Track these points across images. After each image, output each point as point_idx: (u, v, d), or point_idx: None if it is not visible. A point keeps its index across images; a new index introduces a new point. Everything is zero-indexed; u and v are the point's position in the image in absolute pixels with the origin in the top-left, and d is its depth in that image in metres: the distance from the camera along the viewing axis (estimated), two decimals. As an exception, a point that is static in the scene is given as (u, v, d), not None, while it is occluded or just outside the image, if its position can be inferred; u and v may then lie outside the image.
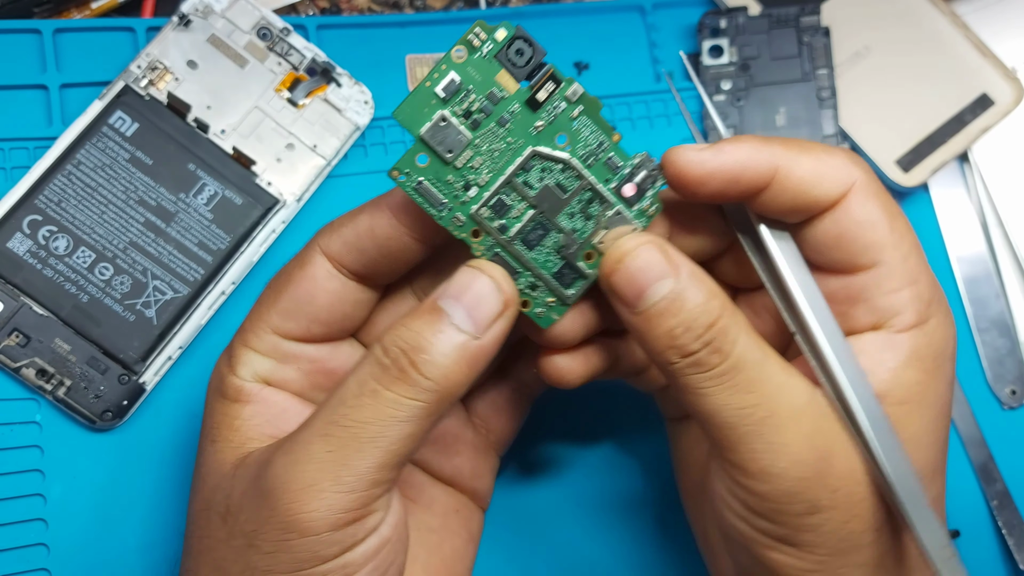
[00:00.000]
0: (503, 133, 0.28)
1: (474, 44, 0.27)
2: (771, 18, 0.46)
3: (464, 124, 0.27)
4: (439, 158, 0.28)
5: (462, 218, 0.28)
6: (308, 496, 0.25)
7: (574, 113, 0.28)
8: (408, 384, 0.26)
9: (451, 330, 0.27)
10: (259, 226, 0.40)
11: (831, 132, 0.45)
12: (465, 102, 0.27)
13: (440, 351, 0.26)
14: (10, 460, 0.37)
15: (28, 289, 0.37)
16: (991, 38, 0.46)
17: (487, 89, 0.27)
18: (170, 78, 0.40)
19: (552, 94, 0.28)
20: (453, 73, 0.27)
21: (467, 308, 0.27)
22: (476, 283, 0.27)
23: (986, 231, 0.46)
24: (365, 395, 0.26)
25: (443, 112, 0.27)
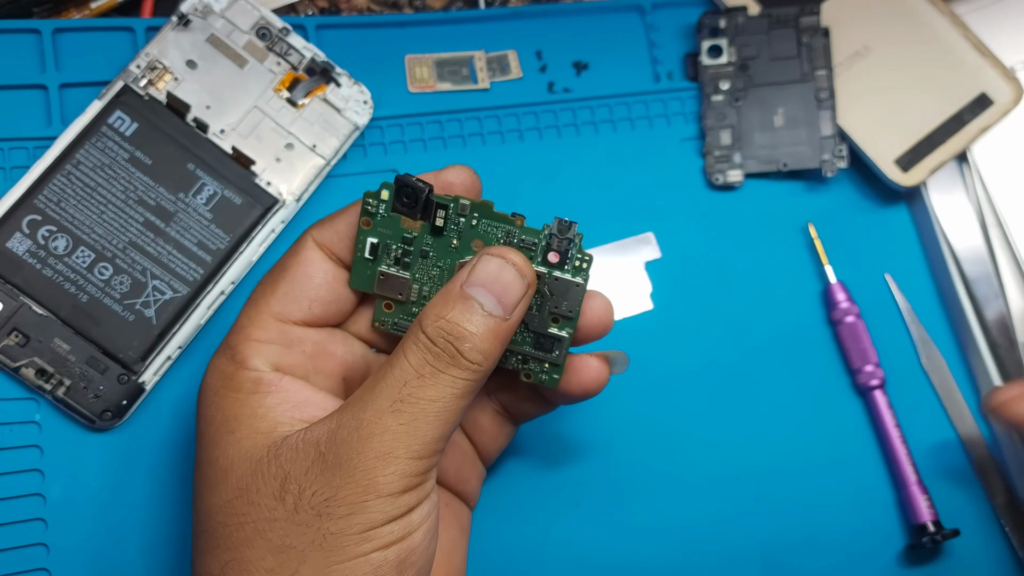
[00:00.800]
0: (431, 262, 0.32)
1: (371, 211, 0.32)
2: (770, 18, 0.46)
3: (399, 270, 0.32)
4: (397, 301, 0.33)
5: None
6: (385, 462, 0.28)
7: (473, 222, 0.32)
8: (459, 367, 0.29)
9: (484, 316, 0.30)
10: (258, 226, 0.40)
11: (829, 133, 0.45)
12: (391, 254, 0.32)
13: (480, 336, 0.29)
14: (9, 460, 0.37)
15: (27, 289, 0.37)
16: (990, 38, 0.46)
17: (399, 236, 0.32)
18: (169, 78, 0.40)
19: (446, 217, 0.32)
20: (370, 239, 0.32)
21: (497, 296, 0.30)
22: (504, 273, 0.30)
23: (985, 231, 0.46)
24: (426, 376, 0.29)
25: (379, 269, 0.32)
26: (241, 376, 0.31)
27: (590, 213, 0.44)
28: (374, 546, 0.28)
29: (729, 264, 0.45)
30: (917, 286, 0.47)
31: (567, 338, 0.32)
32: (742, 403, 0.44)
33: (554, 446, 0.42)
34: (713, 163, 0.45)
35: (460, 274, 0.30)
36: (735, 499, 0.42)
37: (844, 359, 0.45)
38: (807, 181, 0.47)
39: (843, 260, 0.45)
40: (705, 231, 0.45)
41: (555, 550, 0.40)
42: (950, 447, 0.45)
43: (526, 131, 0.45)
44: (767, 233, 0.46)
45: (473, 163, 0.44)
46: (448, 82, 0.44)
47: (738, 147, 0.46)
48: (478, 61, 0.45)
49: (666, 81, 0.47)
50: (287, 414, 0.30)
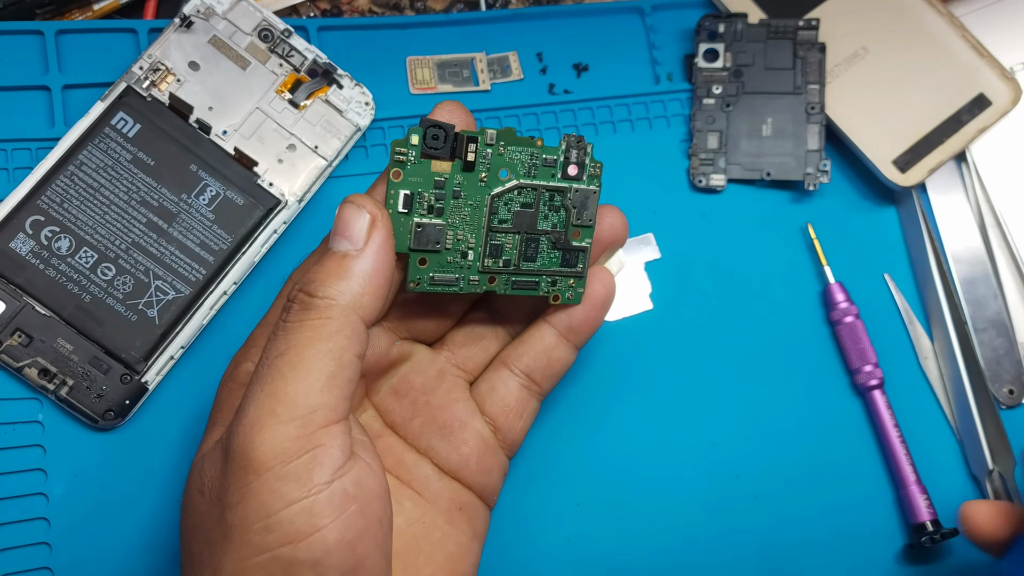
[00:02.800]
0: (463, 202, 0.32)
1: (402, 159, 0.31)
2: (769, 28, 0.46)
3: (433, 217, 0.31)
4: (433, 252, 0.32)
5: (475, 278, 0.33)
6: (253, 432, 0.26)
7: (500, 150, 0.32)
8: (311, 309, 0.28)
9: (331, 255, 0.29)
10: (261, 226, 0.40)
11: (815, 147, 0.45)
12: (424, 202, 0.31)
13: (327, 272, 0.29)
14: (12, 459, 0.37)
15: (31, 289, 0.37)
16: (988, 39, 0.46)
17: (431, 181, 0.31)
18: (172, 79, 0.40)
19: (476, 150, 0.31)
20: (403, 191, 0.31)
21: (339, 233, 0.29)
22: (342, 212, 0.30)
23: (983, 231, 0.46)
24: (278, 332, 0.28)
25: (414, 220, 0.31)
26: (243, 369, 0.32)
27: (590, 214, 0.44)
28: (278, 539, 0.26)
29: (728, 264, 0.45)
30: (916, 286, 0.47)
31: (588, 247, 0.34)
32: (741, 402, 0.44)
33: (554, 446, 0.42)
34: (698, 165, 0.46)
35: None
36: (733, 498, 0.43)
37: (843, 359, 0.45)
38: (806, 182, 0.47)
39: (842, 260, 0.46)
40: (704, 232, 0.46)
41: (554, 549, 0.41)
42: (949, 447, 0.45)
43: (527, 132, 0.45)
44: (766, 234, 0.46)
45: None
46: (449, 83, 0.45)
47: (724, 152, 0.46)
48: (479, 63, 0.45)
49: (666, 83, 0.47)
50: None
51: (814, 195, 0.47)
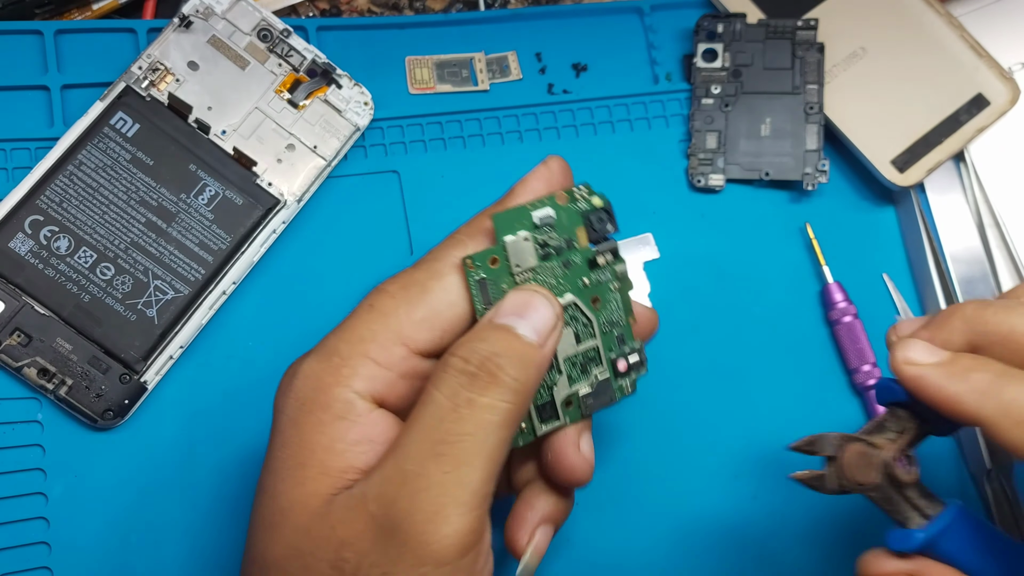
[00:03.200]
0: (559, 273, 0.31)
1: (576, 197, 0.32)
2: (768, 28, 0.46)
3: (538, 251, 0.31)
4: (507, 266, 0.30)
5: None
6: (437, 523, 0.25)
7: (614, 287, 0.32)
8: (498, 386, 0.27)
9: (520, 339, 0.28)
10: (260, 226, 0.40)
11: (813, 147, 0.45)
12: (546, 236, 0.31)
13: (517, 355, 0.28)
14: (11, 459, 0.37)
15: (30, 289, 0.37)
16: (987, 39, 0.46)
17: (566, 234, 0.31)
18: (171, 79, 0.40)
19: (607, 265, 0.32)
20: (550, 210, 0.31)
21: (530, 322, 0.29)
22: (534, 300, 0.29)
23: (982, 231, 0.46)
24: (462, 407, 0.27)
25: (528, 234, 0.30)
26: (336, 394, 0.28)
27: (589, 214, 0.44)
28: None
29: (727, 264, 0.45)
30: (914, 286, 0.47)
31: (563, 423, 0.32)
32: (740, 402, 0.44)
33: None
34: (696, 165, 0.46)
35: (488, 312, 0.29)
36: (732, 497, 0.43)
37: (841, 359, 0.45)
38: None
39: (840, 260, 0.46)
40: (703, 232, 0.46)
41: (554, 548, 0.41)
42: (947, 446, 0.45)
43: (526, 132, 0.45)
44: (765, 233, 0.46)
45: (473, 164, 0.44)
46: (448, 83, 0.45)
47: (722, 152, 0.46)
48: (478, 63, 0.45)
49: (665, 83, 0.47)
50: (362, 457, 0.28)
51: (813, 195, 0.47)
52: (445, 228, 0.43)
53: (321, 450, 0.27)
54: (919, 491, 0.29)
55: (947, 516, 0.29)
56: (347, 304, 0.41)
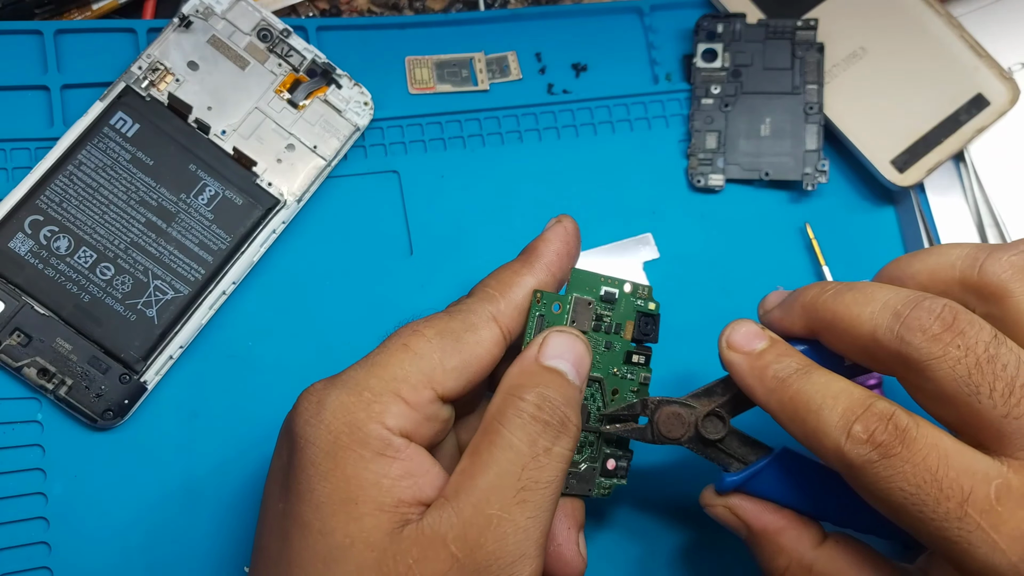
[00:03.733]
0: (600, 350, 0.34)
1: (638, 294, 0.34)
2: (768, 28, 0.46)
3: (592, 321, 0.33)
4: (564, 318, 0.33)
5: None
6: (523, 565, 0.27)
7: (633, 389, 0.34)
8: (568, 435, 0.29)
9: (572, 385, 0.30)
10: (260, 226, 0.40)
11: (813, 147, 0.46)
12: (604, 311, 0.34)
13: (574, 402, 0.30)
14: (11, 459, 0.37)
15: (30, 289, 0.37)
16: (987, 39, 0.46)
17: (619, 321, 0.34)
18: (171, 79, 0.40)
19: (638, 366, 0.34)
20: (617, 292, 0.34)
21: (575, 366, 0.31)
22: (578, 345, 0.31)
23: (981, 232, 0.46)
24: (541, 455, 0.28)
25: (594, 301, 0.34)
26: (371, 430, 0.28)
27: (589, 214, 0.44)
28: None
29: (727, 264, 0.45)
30: (914, 286, 0.47)
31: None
32: (740, 402, 0.44)
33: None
34: (696, 165, 0.46)
35: (530, 349, 0.31)
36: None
37: (842, 359, 0.45)
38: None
39: (840, 260, 0.46)
40: (703, 232, 0.46)
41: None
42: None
43: (526, 132, 0.45)
44: (765, 234, 0.46)
45: (473, 164, 0.44)
46: (448, 83, 0.45)
47: (722, 152, 0.46)
48: (478, 63, 0.45)
49: (665, 83, 0.47)
50: (409, 491, 0.28)
51: (812, 195, 0.47)
52: (445, 228, 0.43)
53: (369, 486, 0.28)
54: (739, 441, 0.34)
55: (762, 462, 0.33)
56: (347, 304, 0.41)
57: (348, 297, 0.42)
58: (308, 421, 0.29)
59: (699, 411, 0.33)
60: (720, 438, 0.33)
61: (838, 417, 0.28)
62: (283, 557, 0.28)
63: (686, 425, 0.33)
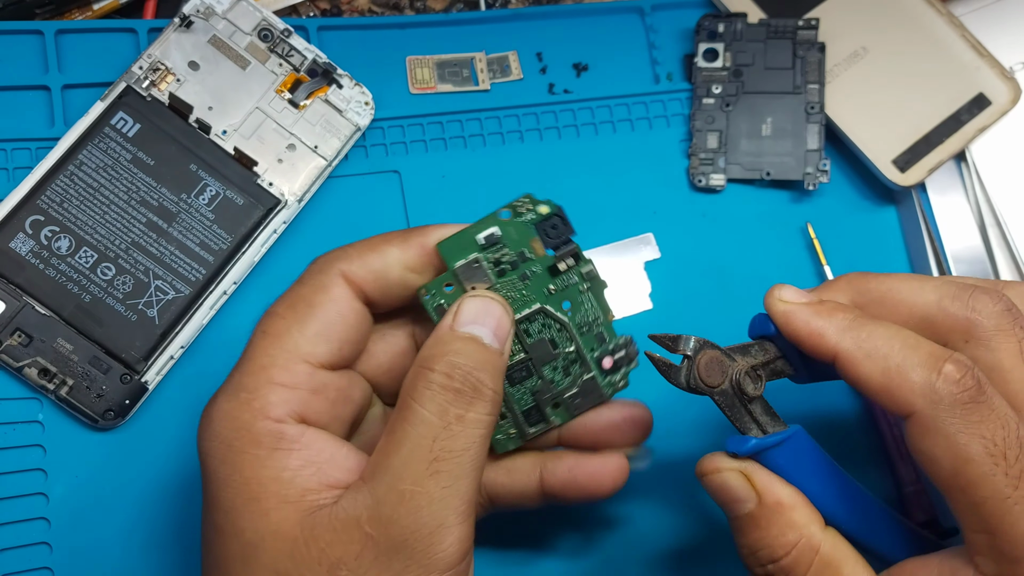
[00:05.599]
0: (521, 286, 0.32)
1: (519, 211, 0.31)
2: (769, 28, 0.46)
3: (492, 271, 0.31)
4: (462, 289, 0.31)
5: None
6: (442, 535, 0.27)
7: (583, 288, 0.32)
8: (483, 400, 0.28)
9: (488, 349, 0.29)
10: (261, 226, 0.40)
11: (814, 147, 0.45)
12: (498, 253, 0.31)
13: (491, 366, 0.29)
14: (12, 459, 0.37)
15: (30, 289, 0.37)
16: (988, 38, 0.46)
17: (519, 248, 0.31)
18: (172, 79, 0.40)
19: (570, 269, 0.32)
20: (495, 228, 0.31)
21: (492, 329, 0.30)
22: (492, 307, 0.30)
23: (983, 231, 0.46)
24: (453, 424, 0.28)
25: (478, 256, 0.31)
26: (260, 428, 0.28)
27: (590, 213, 0.44)
28: None
29: (728, 264, 0.45)
30: (916, 286, 0.47)
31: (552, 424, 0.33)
32: (742, 402, 0.44)
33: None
34: (697, 165, 0.46)
35: (445, 319, 0.30)
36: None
37: (843, 359, 0.45)
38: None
39: (842, 260, 0.46)
40: (704, 231, 0.46)
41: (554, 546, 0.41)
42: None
43: (527, 132, 0.45)
44: (766, 233, 0.46)
45: (474, 164, 0.44)
46: (449, 83, 0.45)
47: (723, 152, 0.46)
48: (479, 62, 0.45)
49: (666, 83, 0.47)
50: (314, 478, 0.28)
51: (814, 195, 0.47)
52: (446, 228, 0.43)
53: (269, 482, 0.28)
54: (763, 408, 0.31)
55: (784, 434, 0.31)
56: (348, 304, 0.41)
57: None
58: (202, 436, 0.29)
59: (740, 365, 0.31)
60: (756, 396, 0.31)
61: (926, 355, 0.28)
62: (208, 563, 0.29)
63: (725, 375, 0.31)
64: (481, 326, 0.29)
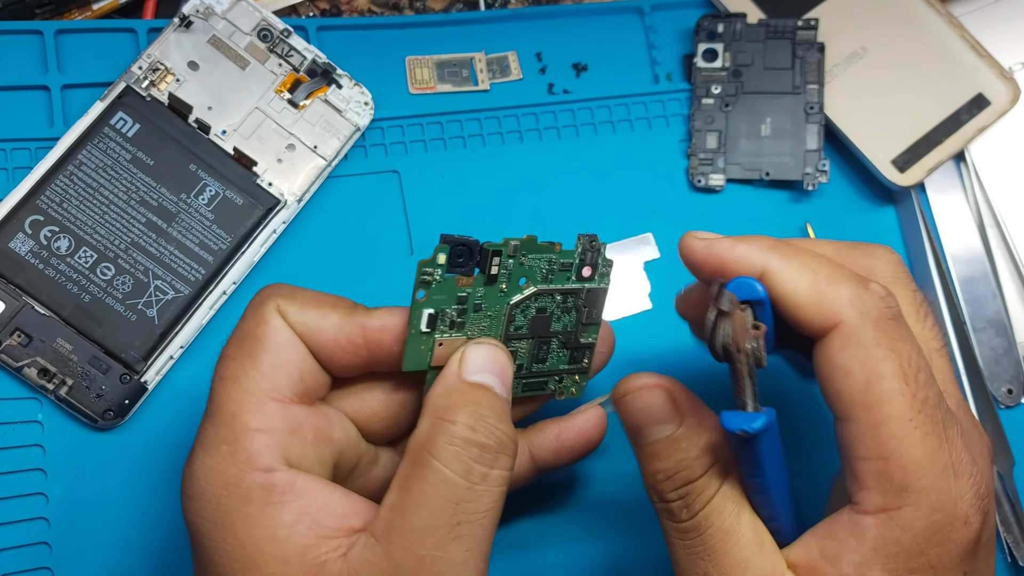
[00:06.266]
0: (482, 314, 0.31)
1: (428, 281, 0.29)
2: (768, 28, 0.46)
3: (455, 333, 0.30)
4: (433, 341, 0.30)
5: None
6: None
7: (521, 260, 0.31)
8: (507, 455, 0.28)
9: (501, 399, 0.29)
10: (260, 226, 0.40)
11: (814, 147, 0.46)
12: (446, 319, 0.30)
13: (506, 416, 0.28)
14: (12, 459, 0.37)
15: (30, 289, 0.37)
16: (987, 38, 0.46)
17: (454, 298, 0.30)
18: (171, 79, 0.40)
19: (499, 263, 0.30)
20: (427, 310, 0.29)
21: (500, 377, 0.29)
22: (498, 355, 0.30)
23: (982, 231, 0.46)
24: (477, 483, 0.27)
25: (437, 338, 0.30)
26: (248, 481, 0.26)
27: (590, 213, 0.44)
28: None
29: (728, 264, 0.45)
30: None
31: (593, 343, 0.34)
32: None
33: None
34: (697, 165, 0.46)
35: (450, 366, 0.29)
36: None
37: (842, 359, 0.45)
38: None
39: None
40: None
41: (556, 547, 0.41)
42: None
43: (526, 132, 0.45)
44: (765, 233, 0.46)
45: (473, 164, 0.44)
46: (448, 83, 0.45)
47: (723, 152, 0.46)
48: (478, 62, 0.45)
49: (665, 83, 0.47)
50: (310, 532, 0.27)
51: (813, 195, 0.47)
52: (446, 228, 0.43)
53: (266, 542, 0.26)
54: (755, 383, 0.28)
55: (771, 415, 0.27)
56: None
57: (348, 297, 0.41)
58: (188, 496, 0.27)
59: (759, 329, 0.27)
60: (764, 366, 0.28)
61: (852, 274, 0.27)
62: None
63: (754, 338, 0.27)
64: (491, 375, 0.29)
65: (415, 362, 0.30)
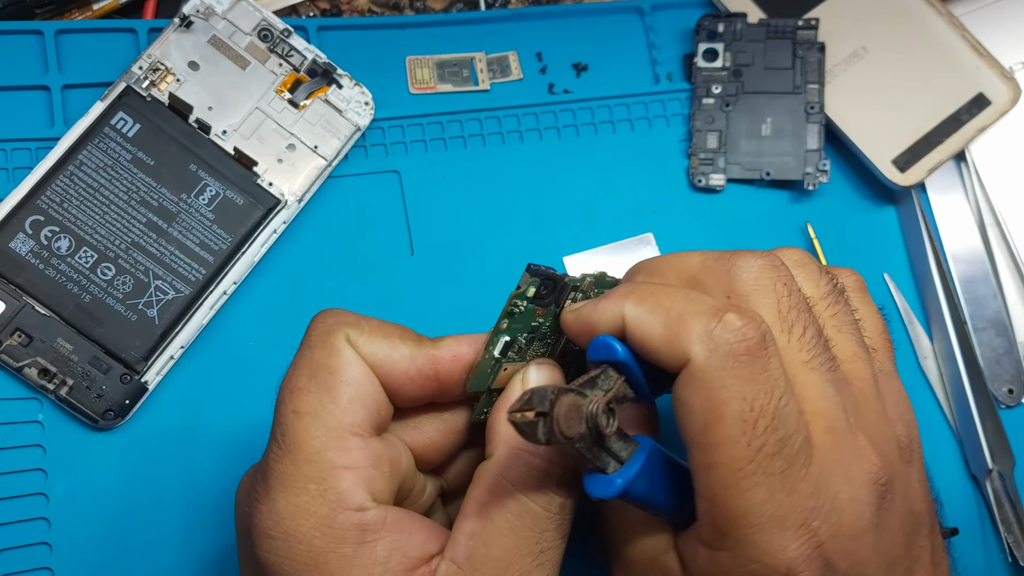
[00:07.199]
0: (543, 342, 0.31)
1: (515, 312, 0.29)
2: (769, 28, 0.46)
3: (515, 359, 0.30)
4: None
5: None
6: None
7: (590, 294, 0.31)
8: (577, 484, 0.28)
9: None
10: (261, 226, 0.40)
11: (814, 147, 0.46)
12: (516, 346, 0.30)
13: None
14: (12, 459, 0.37)
15: (30, 289, 0.37)
16: (988, 38, 0.46)
17: (527, 327, 0.30)
18: (172, 79, 0.40)
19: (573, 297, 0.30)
20: (504, 337, 0.29)
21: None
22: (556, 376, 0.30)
23: (983, 231, 0.46)
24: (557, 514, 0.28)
25: (504, 364, 0.30)
26: (342, 522, 0.26)
27: (590, 213, 0.44)
28: None
29: (728, 264, 0.45)
30: (915, 286, 0.47)
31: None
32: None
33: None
34: (697, 165, 0.46)
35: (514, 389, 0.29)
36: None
37: (843, 359, 0.45)
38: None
39: (841, 260, 0.46)
40: (703, 232, 0.46)
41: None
42: (948, 446, 0.45)
43: (526, 132, 0.45)
44: (766, 234, 0.46)
45: (473, 164, 0.44)
46: (449, 83, 0.45)
47: (723, 152, 0.46)
48: (479, 62, 0.45)
49: (666, 83, 0.47)
50: (400, 567, 0.26)
51: (813, 195, 0.47)
52: (446, 228, 0.43)
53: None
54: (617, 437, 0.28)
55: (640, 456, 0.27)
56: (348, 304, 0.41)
57: (349, 297, 0.42)
58: (268, 536, 0.26)
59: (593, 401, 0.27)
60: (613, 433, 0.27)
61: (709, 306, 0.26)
62: None
63: (582, 418, 0.26)
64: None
65: (479, 384, 0.30)
